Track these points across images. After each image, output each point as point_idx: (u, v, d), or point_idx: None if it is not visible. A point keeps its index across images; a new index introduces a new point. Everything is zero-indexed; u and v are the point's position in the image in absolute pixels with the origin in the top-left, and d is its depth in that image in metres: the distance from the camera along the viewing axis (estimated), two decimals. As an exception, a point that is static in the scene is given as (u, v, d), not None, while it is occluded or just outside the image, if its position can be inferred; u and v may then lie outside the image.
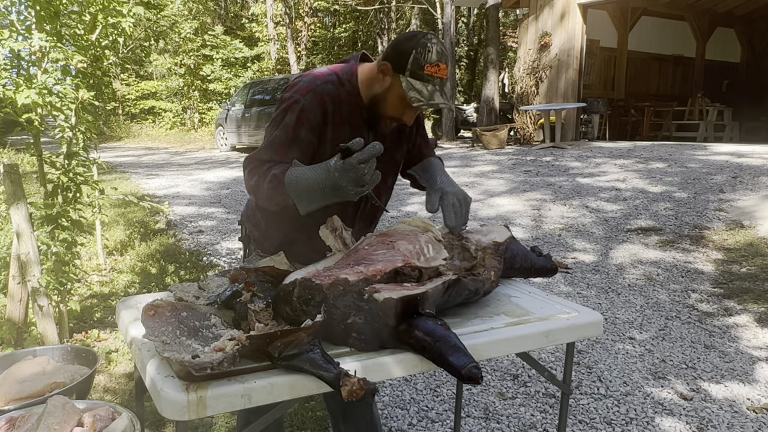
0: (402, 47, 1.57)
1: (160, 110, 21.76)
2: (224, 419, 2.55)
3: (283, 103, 1.63)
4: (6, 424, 1.46)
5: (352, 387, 1.05)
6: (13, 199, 2.86)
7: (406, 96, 1.56)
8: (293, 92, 1.63)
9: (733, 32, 14.66)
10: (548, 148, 10.59)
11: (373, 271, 1.34)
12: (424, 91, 1.55)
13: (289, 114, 1.60)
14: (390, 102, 1.61)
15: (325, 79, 1.64)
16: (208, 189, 8.49)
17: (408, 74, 1.55)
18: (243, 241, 1.96)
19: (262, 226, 1.83)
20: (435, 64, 1.55)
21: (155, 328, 1.21)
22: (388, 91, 1.60)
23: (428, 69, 1.54)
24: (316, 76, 1.65)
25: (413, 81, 1.55)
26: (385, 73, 1.59)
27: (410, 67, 1.54)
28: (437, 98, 1.56)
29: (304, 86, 1.62)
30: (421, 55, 1.53)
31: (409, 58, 1.54)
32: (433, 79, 1.56)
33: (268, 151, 1.60)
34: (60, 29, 3.00)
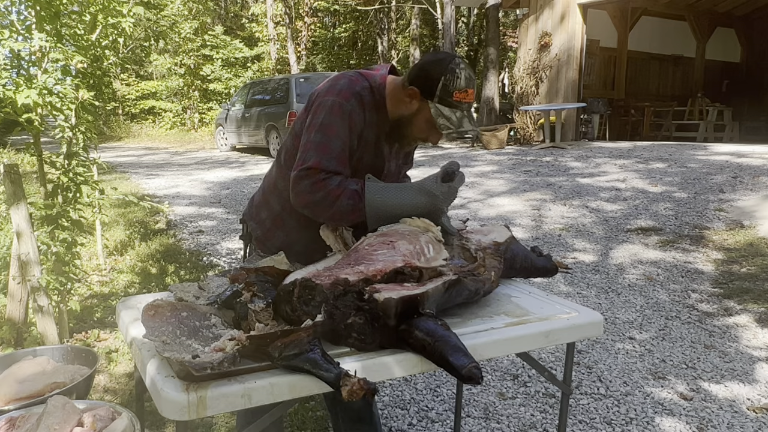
0: (430, 73, 1.56)
1: (160, 110, 21.75)
2: (224, 419, 2.55)
3: (325, 106, 1.58)
4: (6, 424, 1.46)
5: (353, 387, 1.06)
6: (13, 199, 2.86)
7: (435, 122, 1.57)
8: (335, 96, 1.59)
9: (733, 32, 14.66)
10: (548, 148, 10.59)
11: (373, 271, 1.34)
12: (453, 118, 1.56)
13: (339, 120, 1.56)
14: (417, 125, 1.62)
15: (362, 85, 1.63)
16: (208, 189, 8.49)
17: (437, 100, 1.55)
18: (244, 240, 1.96)
19: (267, 225, 1.82)
20: (464, 90, 1.55)
21: (155, 328, 1.21)
22: (416, 115, 1.60)
23: (457, 95, 1.55)
24: (354, 81, 1.63)
25: (442, 107, 1.55)
26: (412, 98, 1.59)
27: (439, 93, 1.55)
28: (465, 125, 1.57)
29: (346, 90, 1.60)
30: (450, 82, 1.54)
31: (438, 84, 1.54)
32: (462, 104, 1.56)
33: (330, 161, 1.53)
34: (60, 29, 2.99)
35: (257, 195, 1.90)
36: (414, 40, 22.02)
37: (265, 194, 1.83)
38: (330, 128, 1.56)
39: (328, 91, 1.62)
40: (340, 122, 1.56)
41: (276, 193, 1.77)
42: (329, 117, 1.57)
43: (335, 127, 1.56)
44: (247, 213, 1.91)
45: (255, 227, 1.86)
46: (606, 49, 12.82)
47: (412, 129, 1.63)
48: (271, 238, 1.80)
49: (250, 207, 1.91)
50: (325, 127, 1.56)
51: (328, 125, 1.56)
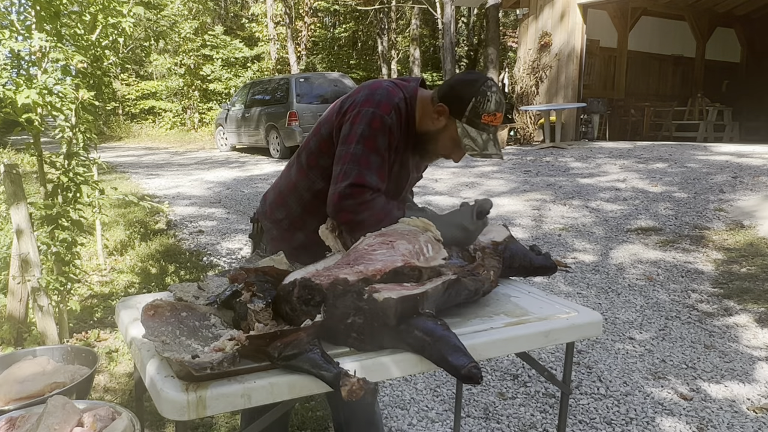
0: (462, 92, 1.57)
1: (160, 110, 21.75)
2: (224, 419, 2.55)
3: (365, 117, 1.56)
4: (6, 424, 1.46)
5: (352, 387, 1.06)
6: (13, 199, 2.86)
7: (460, 142, 1.58)
8: (375, 107, 1.57)
9: (733, 32, 14.66)
10: (548, 148, 10.59)
11: (372, 271, 1.34)
12: (479, 140, 1.57)
13: (380, 135, 1.55)
14: (442, 143, 1.63)
15: (399, 96, 1.62)
16: (209, 189, 8.50)
17: (465, 121, 1.56)
18: (253, 238, 1.93)
19: (284, 225, 1.79)
20: (493, 113, 1.56)
21: (155, 328, 1.21)
22: (442, 132, 1.61)
23: (485, 118, 1.56)
24: (392, 93, 1.62)
25: (469, 128, 1.57)
26: (440, 114, 1.60)
27: (468, 114, 1.56)
28: (491, 148, 1.58)
29: (386, 103, 1.58)
30: (480, 104, 1.55)
31: (469, 105, 1.55)
32: (489, 128, 1.58)
33: (372, 176, 1.53)
34: (60, 29, 2.99)
35: (271, 194, 1.87)
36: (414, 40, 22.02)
37: (283, 195, 1.80)
38: (371, 141, 1.54)
39: (366, 101, 1.59)
40: (381, 136, 1.55)
41: (296, 195, 1.75)
42: (369, 129, 1.55)
43: (376, 141, 1.55)
44: (261, 212, 1.88)
45: (270, 227, 1.83)
46: (606, 49, 12.82)
47: (437, 145, 1.65)
48: (290, 238, 1.78)
49: (263, 206, 1.88)
50: (366, 139, 1.54)
51: (369, 138, 1.54)
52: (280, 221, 1.80)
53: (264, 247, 1.87)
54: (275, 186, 1.87)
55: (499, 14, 14.06)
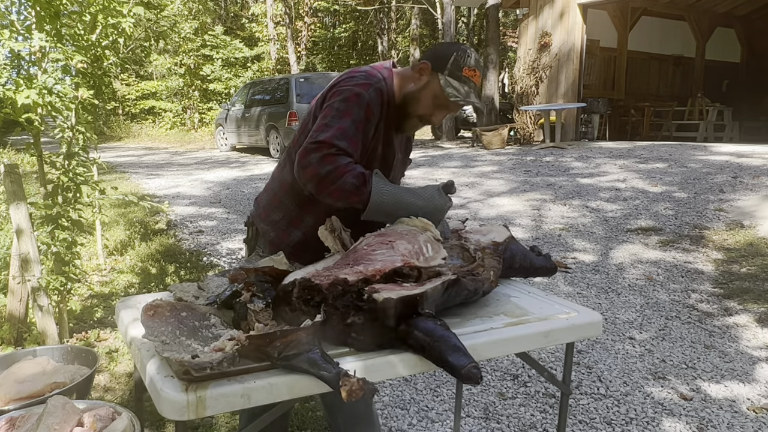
0: (442, 50, 1.66)
1: (160, 110, 21.76)
2: (224, 419, 2.55)
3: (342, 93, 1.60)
4: (6, 424, 1.46)
5: (352, 387, 1.05)
6: (13, 199, 2.86)
7: (444, 92, 1.63)
8: (353, 85, 1.61)
9: (733, 32, 14.65)
10: (548, 148, 10.59)
11: (372, 271, 1.34)
12: (461, 90, 1.63)
13: (356, 107, 1.57)
14: (423, 100, 1.66)
15: (378, 77, 1.67)
16: (209, 189, 8.50)
17: (447, 73, 1.62)
18: (248, 243, 1.91)
19: (281, 225, 1.78)
20: (473, 68, 1.64)
21: (155, 328, 1.21)
22: (424, 88, 1.66)
23: (466, 71, 1.63)
24: (371, 74, 1.67)
25: (451, 80, 1.62)
26: (422, 72, 1.65)
27: (450, 67, 1.62)
28: (473, 98, 1.64)
29: (364, 81, 1.63)
30: (461, 58, 1.62)
31: (450, 59, 1.62)
32: (469, 81, 1.64)
33: (342, 140, 1.51)
34: (60, 29, 2.99)
35: (264, 197, 1.86)
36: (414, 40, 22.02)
37: (278, 195, 1.80)
38: (346, 113, 1.56)
39: (345, 81, 1.64)
40: (357, 109, 1.57)
41: (292, 194, 1.74)
42: (345, 103, 1.57)
43: (352, 113, 1.56)
44: (255, 215, 1.87)
45: (267, 229, 1.82)
46: (606, 49, 12.82)
47: (419, 105, 1.67)
48: (287, 238, 1.77)
49: (257, 209, 1.87)
50: (341, 111, 1.56)
51: (344, 110, 1.56)
52: (277, 222, 1.79)
53: (260, 250, 1.85)
54: (268, 188, 1.86)
55: (499, 14, 14.05)
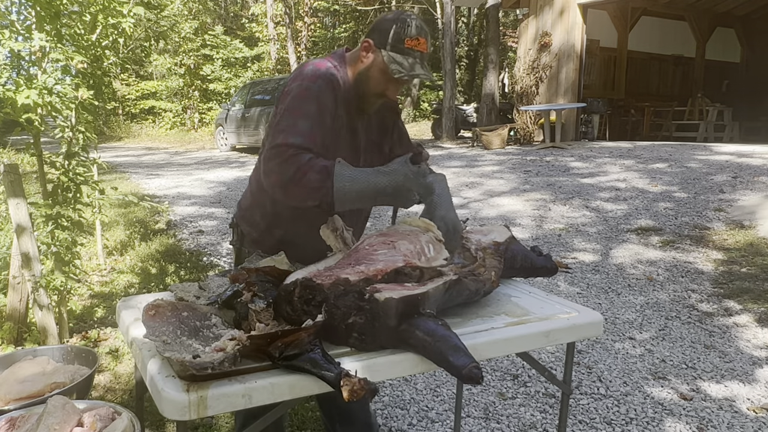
0: (382, 24, 1.62)
1: (160, 110, 21.75)
2: (225, 419, 2.55)
3: (291, 92, 1.61)
4: (6, 424, 1.46)
5: (353, 387, 1.05)
6: (13, 199, 2.86)
7: (388, 69, 1.60)
8: (301, 80, 1.61)
9: (733, 32, 14.65)
10: (548, 148, 10.59)
11: (374, 271, 1.34)
12: (405, 63, 1.59)
13: (307, 103, 1.58)
14: (373, 77, 1.64)
15: (326, 66, 1.66)
16: (209, 189, 8.49)
17: (389, 48, 1.59)
18: (234, 245, 1.93)
19: (261, 226, 1.81)
20: (415, 38, 1.59)
21: (156, 328, 1.21)
22: (371, 67, 1.63)
23: (408, 42, 1.59)
24: (319, 64, 1.67)
25: (394, 54, 1.59)
26: (367, 50, 1.63)
27: (391, 41, 1.59)
28: (417, 69, 1.60)
29: (311, 74, 1.62)
30: (401, 30, 1.59)
31: (390, 32, 1.59)
32: (413, 52, 1.60)
33: (298, 137, 1.51)
34: (60, 29, 2.99)
35: (245, 199, 1.89)
36: (414, 40, 21.96)
37: (255, 196, 1.83)
38: (296, 110, 1.58)
39: (294, 79, 1.65)
40: (307, 104, 1.58)
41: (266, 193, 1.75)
42: (295, 101, 1.59)
43: (302, 108, 1.58)
44: (238, 216, 1.90)
45: (249, 230, 1.85)
46: (606, 49, 12.82)
47: (370, 83, 1.65)
48: (268, 237, 1.79)
49: (239, 211, 1.90)
50: (293, 110, 1.58)
51: (294, 108, 1.58)
52: (257, 223, 1.82)
53: (246, 250, 1.87)
54: (247, 190, 1.90)
55: (499, 14, 14.05)
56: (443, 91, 14.22)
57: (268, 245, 1.76)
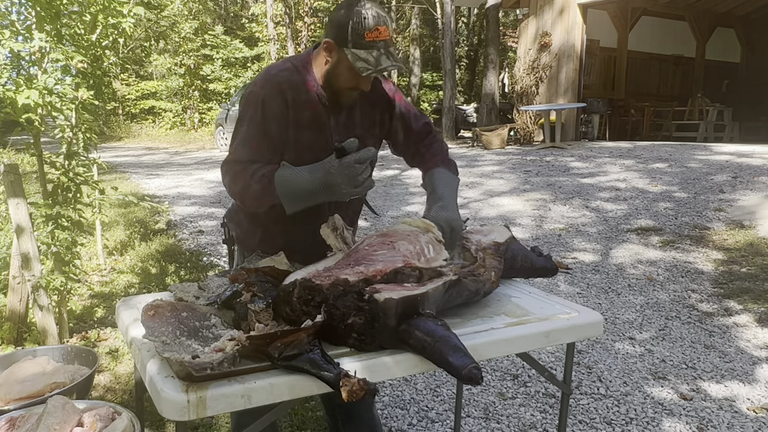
0: (339, 21, 1.56)
1: (160, 110, 21.75)
2: (224, 419, 2.55)
3: (243, 100, 1.66)
4: (6, 424, 1.46)
5: (353, 387, 1.05)
6: (13, 199, 2.86)
7: (354, 67, 1.56)
8: (253, 86, 1.65)
9: (733, 32, 14.65)
10: (548, 148, 10.59)
11: (373, 272, 1.34)
12: (370, 59, 1.54)
13: (252, 109, 1.62)
14: (342, 76, 1.61)
15: (280, 68, 1.66)
16: (209, 189, 8.49)
17: (351, 45, 1.55)
18: (227, 243, 1.99)
19: (244, 225, 1.86)
20: (374, 29, 1.54)
21: (155, 328, 1.21)
22: (337, 66, 1.60)
23: (369, 35, 1.54)
24: (272, 67, 1.69)
25: (357, 51, 1.54)
26: (330, 50, 1.60)
27: (351, 38, 1.54)
28: (384, 62, 1.55)
29: (260, 79, 1.65)
30: (358, 24, 1.53)
31: (348, 29, 1.54)
32: (376, 43, 1.55)
33: (245, 151, 1.61)
34: (60, 29, 2.99)
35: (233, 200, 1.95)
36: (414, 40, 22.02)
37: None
38: (243, 119, 1.63)
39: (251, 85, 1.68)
40: (252, 110, 1.62)
41: None
42: (244, 108, 1.64)
43: (247, 116, 1.63)
44: (227, 216, 1.96)
45: (235, 228, 1.91)
46: (606, 49, 12.82)
47: (340, 81, 1.63)
48: (251, 236, 1.84)
49: (229, 211, 1.96)
50: (240, 119, 1.64)
51: (242, 116, 1.64)
52: (241, 222, 1.87)
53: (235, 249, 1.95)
54: None
55: (499, 14, 14.06)
56: (443, 91, 14.22)
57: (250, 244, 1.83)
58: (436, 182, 1.75)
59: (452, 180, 1.77)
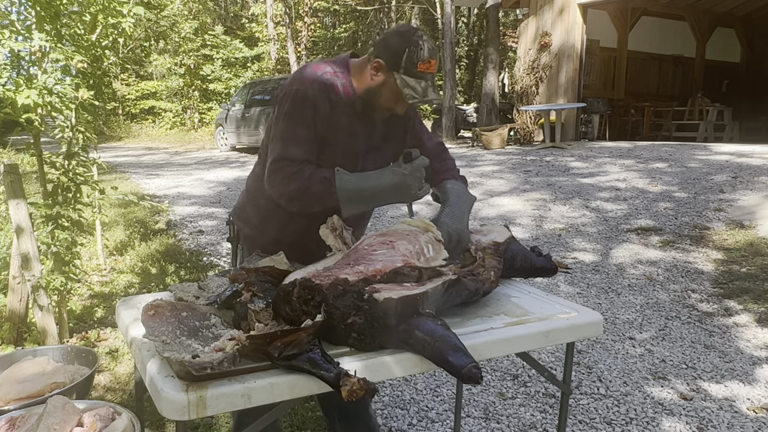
0: (393, 44, 1.61)
1: (160, 110, 21.76)
2: (224, 419, 2.55)
3: (289, 95, 1.64)
4: (6, 424, 1.46)
5: (352, 387, 1.06)
6: (13, 199, 2.86)
7: (401, 93, 1.61)
8: (298, 84, 1.64)
9: (733, 32, 14.65)
10: (548, 148, 10.59)
11: (372, 271, 1.34)
12: (418, 88, 1.60)
13: (302, 108, 1.61)
14: (384, 96, 1.65)
15: (324, 70, 1.67)
16: (209, 189, 8.50)
17: (402, 72, 1.60)
18: (231, 242, 1.98)
19: (254, 223, 1.84)
20: (427, 61, 1.60)
21: (155, 328, 1.21)
22: (382, 86, 1.64)
23: (421, 66, 1.59)
24: (316, 68, 1.68)
25: (407, 78, 1.60)
26: (378, 70, 1.63)
27: (404, 65, 1.59)
28: (430, 94, 1.62)
29: (308, 78, 1.64)
30: (414, 54, 1.59)
31: (403, 56, 1.59)
32: (426, 75, 1.61)
33: (297, 149, 1.59)
34: (60, 29, 2.99)
35: (242, 196, 1.94)
36: (414, 40, 21.95)
37: (250, 193, 1.87)
38: (292, 116, 1.62)
39: (291, 82, 1.67)
40: (302, 108, 1.61)
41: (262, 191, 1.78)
42: (292, 105, 1.62)
43: (298, 113, 1.61)
44: (234, 214, 1.95)
45: (243, 226, 1.90)
46: (606, 49, 12.81)
47: (380, 99, 1.67)
48: (261, 235, 1.83)
49: (235, 208, 1.95)
50: (288, 115, 1.62)
51: (291, 113, 1.62)
52: (250, 220, 1.86)
53: (242, 247, 1.93)
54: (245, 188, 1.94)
55: (499, 14, 14.05)
56: (443, 91, 14.22)
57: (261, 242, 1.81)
58: (450, 192, 1.78)
59: (467, 195, 1.80)
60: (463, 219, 1.70)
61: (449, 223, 1.66)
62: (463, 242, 1.66)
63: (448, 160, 1.91)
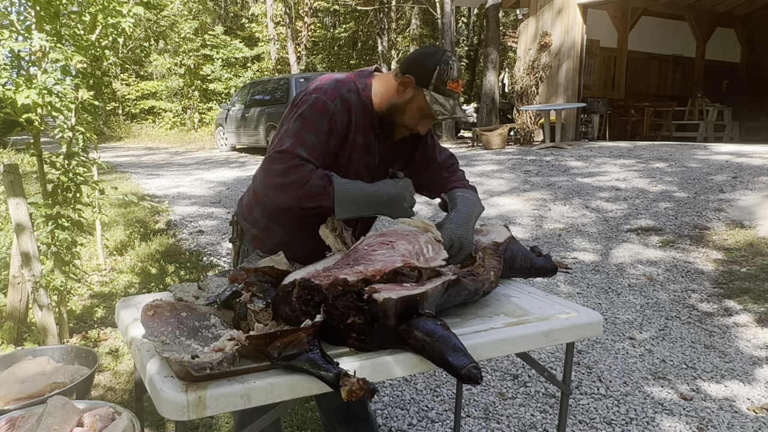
0: (425, 63, 1.64)
1: (160, 110, 21.75)
2: (225, 419, 2.55)
3: (308, 101, 1.62)
4: (6, 424, 1.46)
5: (352, 387, 1.06)
6: (13, 199, 2.86)
7: (430, 109, 1.63)
8: (321, 93, 1.63)
9: (733, 32, 14.65)
10: (548, 148, 10.59)
11: (372, 272, 1.34)
12: (447, 105, 1.64)
13: (320, 117, 1.60)
14: (409, 113, 1.67)
15: (348, 86, 1.68)
16: (209, 189, 8.49)
17: (432, 89, 1.62)
18: (234, 242, 1.95)
19: (262, 224, 1.82)
20: (455, 80, 1.64)
21: (155, 328, 1.21)
22: (409, 103, 1.66)
23: (450, 85, 1.63)
24: (340, 82, 1.68)
25: (437, 95, 1.63)
26: (406, 86, 1.65)
27: (434, 82, 1.62)
28: (458, 112, 1.66)
29: (332, 90, 1.64)
30: (444, 72, 1.62)
31: (434, 73, 1.62)
32: (454, 93, 1.65)
33: (304, 149, 1.57)
34: (60, 29, 2.99)
35: (246, 196, 1.91)
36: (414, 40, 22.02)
37: (257, 194, 1.84)
38: (309, 121, 1.60)
39: (315, 89, 1.66)
40: (321, 118, 1.60)
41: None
42: (310, 110, 1.61)
43: (314, 121, 1.60)
44: (238, 214, 1.92)
45: (249, 227, 1.87)
46: (606, 49, 12.82)
47: (404, 117, 1.68)
48: (270, 236, 1.81)
49: (240, 208, 1.92)
50: (305, 118, 1.60)
51: (308, 117, 1.60)
52: (257, 221, 1.84)
53: (245, 248, 1.90)
54: (250, 187, 1.91)
55: (499, 14, 14.05)
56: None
57: (269, 243, 1.79)
58: (458, 200, 1.78)
59: (476, 204, 1.80)
60: (468, 226, 1.69)
61: (453, 228, 1.66)
62: (465, 250, 1.66)
63: (457, 171, 1.93)
